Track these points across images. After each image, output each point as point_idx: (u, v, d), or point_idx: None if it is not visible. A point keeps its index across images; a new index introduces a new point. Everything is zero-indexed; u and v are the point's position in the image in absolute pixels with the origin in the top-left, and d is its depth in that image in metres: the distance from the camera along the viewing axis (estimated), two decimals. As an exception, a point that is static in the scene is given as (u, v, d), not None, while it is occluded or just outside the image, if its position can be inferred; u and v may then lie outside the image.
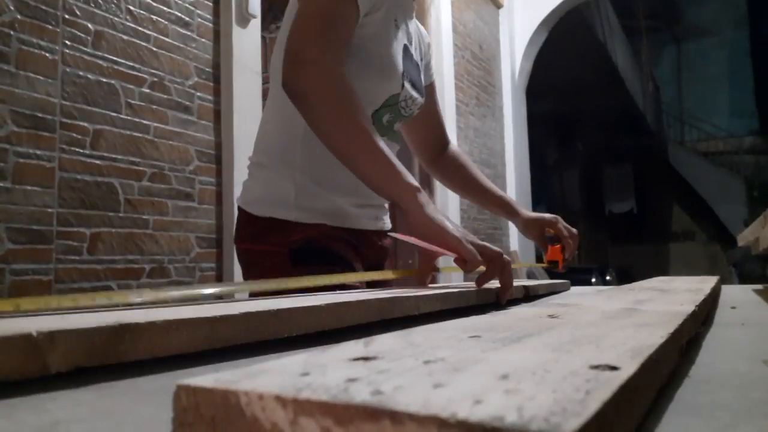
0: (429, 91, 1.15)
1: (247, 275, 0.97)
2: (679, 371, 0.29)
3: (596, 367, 0.18)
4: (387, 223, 1.08)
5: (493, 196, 1.23)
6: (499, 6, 5.42)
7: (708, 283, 0.74)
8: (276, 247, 0.93)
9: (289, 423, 0.14)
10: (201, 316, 0.34)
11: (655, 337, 0.25)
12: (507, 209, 1.23)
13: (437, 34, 4.15)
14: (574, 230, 1.22)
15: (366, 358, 0.19)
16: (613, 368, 0.18)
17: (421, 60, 1.10)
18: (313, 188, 0.94)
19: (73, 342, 0.28)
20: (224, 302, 0.47)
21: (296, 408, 0.14)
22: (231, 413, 0.15)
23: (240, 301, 0.49)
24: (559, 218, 1.21)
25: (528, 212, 1.22)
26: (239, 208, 1.00)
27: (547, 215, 1.22)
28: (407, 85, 0.99)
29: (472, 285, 0.78)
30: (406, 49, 1.01)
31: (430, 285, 0.87)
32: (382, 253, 1.09)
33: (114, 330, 0.29)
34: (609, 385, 0.15)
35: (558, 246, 1.19)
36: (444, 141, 1.25)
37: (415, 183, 0.80)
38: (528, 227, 1.20)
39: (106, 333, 0.29)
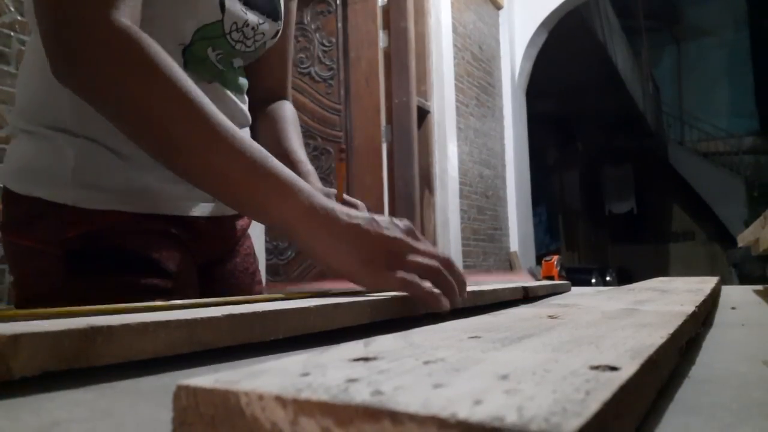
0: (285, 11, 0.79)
1: (16, 278, 0.66)
2: (679, 371, 0.29)
3: (596, 368, 0.18)
4: None
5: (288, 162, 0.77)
6: (499, 7, 5.42)
7: (708, 283, 0.74)
8: (46, 245, 0.62)
9: (289, 423, 0.14)
10: (180, 319, 0.32)
11: (655, 337, 0.25)
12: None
13: (437, 34, 4.16)
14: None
15: (366, 359, 0.19)
16: (613, 368, 0.18)
17: None
18: (101, 157, 0.63)
19: (39, 346, 0.26)
20: (208, 304, 0.44)
21: (296, 408, 0.14)
22: (231, 413, 0.15)
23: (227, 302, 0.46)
24: (361, 206, 0.73)
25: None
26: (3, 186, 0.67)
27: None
28: (235, 6, 0.68)
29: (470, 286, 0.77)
30: None
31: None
32: (227, 244, 0.78)
33: (84, 333, 0.28)
34: (609, 385, 0.15)
35: (552, 261, 1.19)
36: (279, 91, 0.87)
37: (295, 181, 0.53)
38: None
39: (76, 336, 0.27)
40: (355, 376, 0.16)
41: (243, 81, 0.76)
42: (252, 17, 0.71)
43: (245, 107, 0.77)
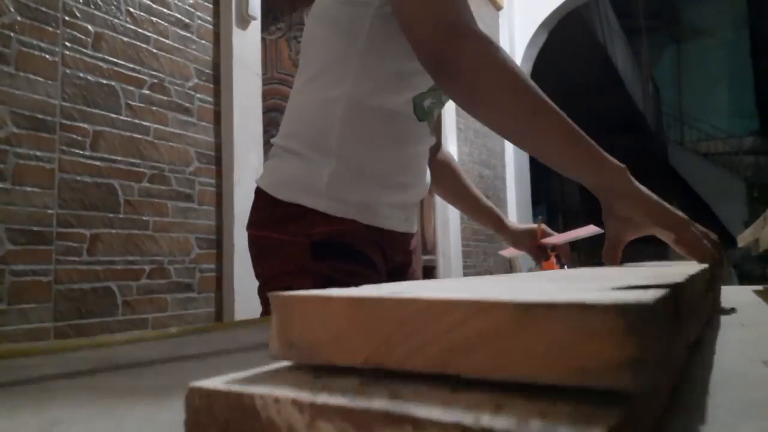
0: None
1: (260, 264, 0.90)
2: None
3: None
4: (415, 225, 1.01)
5: (484, 207, 1.19)
6: (499, 8, 5.42)
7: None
8: (296, 237, 0.84)
9: (306, 426, 0.13)
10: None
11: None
12: (495, 221, 1.19)
13: (437, 34, 4.15)
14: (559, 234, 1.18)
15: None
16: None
17: None
18: (347, 178, 0.85)
19: None
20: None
21: (313, 412, 0.13)
22: (245, 416, 0.15)
23: None
24: (543, 225, 1.19)
25: (516, 224, 1.19)
26: (259, 191, 0.90)
27: (532, 224, 1.19)
28: None
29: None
30: None
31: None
32: (408, 256, 1.01)
33: None
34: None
35: (552, 260, 1.19)
36: (439, 143, 1.18)
37: (618, 163, 0.71)
38: (518, 239, 1.17)
39: None
40: (370, 364, 0.16)
41: (433, 126, 0.98)
42: None
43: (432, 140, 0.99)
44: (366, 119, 0.86)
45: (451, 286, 0.21)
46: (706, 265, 0.55)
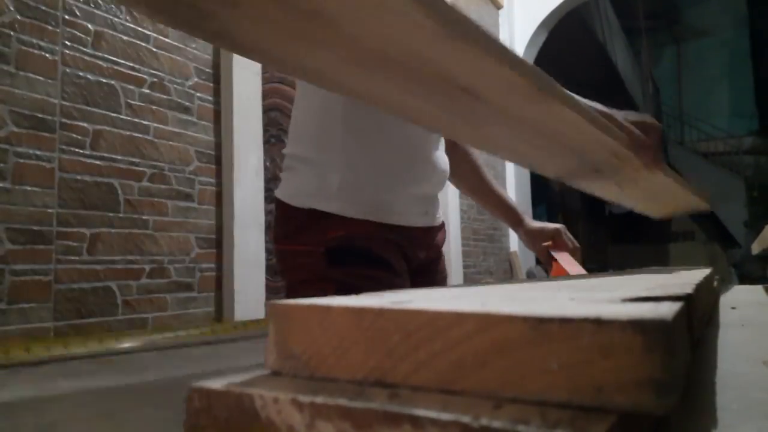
0: None
1: (283, 277, 0.92)
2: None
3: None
4: (438, 216, 1.01)
5: (504, 204, 1.15)
6: (498, 7, 5.42)
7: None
8: (311, 246, 0.85)
9: (306, 426, 0.13)
10: None
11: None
12: (513, 219, 1.15)
13: (437, 34, 4.14)
14: (577, 244, 1.14)
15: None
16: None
17: None
18: (357, 176, 0.86)
19: None
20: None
21: (313, 411, 0.13)
22: (245, 416, 0.15)
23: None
24: (563, 229, 1.12)
25: (532, 221, 1.15)
26: (278, 202, 0.91)
27: (551, 225, 1.14)
28: None
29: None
30: None
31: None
32: (433, 252, 1.00)
33: None
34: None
35: (559, 266, 1.17)
36: None
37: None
38: (531, 237, 1.13)
39: None
40: (373, 378, 0.16)
41: None
42: None
43: None
44: (368, 113, 0.85)
45: (455, 295, 0.21)
46: (708, 271, 0.54)
